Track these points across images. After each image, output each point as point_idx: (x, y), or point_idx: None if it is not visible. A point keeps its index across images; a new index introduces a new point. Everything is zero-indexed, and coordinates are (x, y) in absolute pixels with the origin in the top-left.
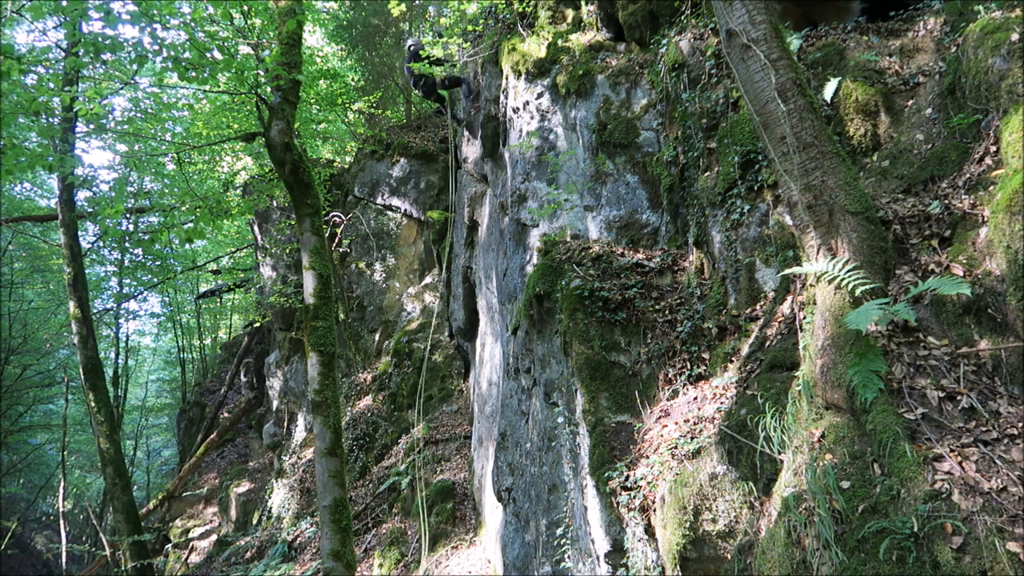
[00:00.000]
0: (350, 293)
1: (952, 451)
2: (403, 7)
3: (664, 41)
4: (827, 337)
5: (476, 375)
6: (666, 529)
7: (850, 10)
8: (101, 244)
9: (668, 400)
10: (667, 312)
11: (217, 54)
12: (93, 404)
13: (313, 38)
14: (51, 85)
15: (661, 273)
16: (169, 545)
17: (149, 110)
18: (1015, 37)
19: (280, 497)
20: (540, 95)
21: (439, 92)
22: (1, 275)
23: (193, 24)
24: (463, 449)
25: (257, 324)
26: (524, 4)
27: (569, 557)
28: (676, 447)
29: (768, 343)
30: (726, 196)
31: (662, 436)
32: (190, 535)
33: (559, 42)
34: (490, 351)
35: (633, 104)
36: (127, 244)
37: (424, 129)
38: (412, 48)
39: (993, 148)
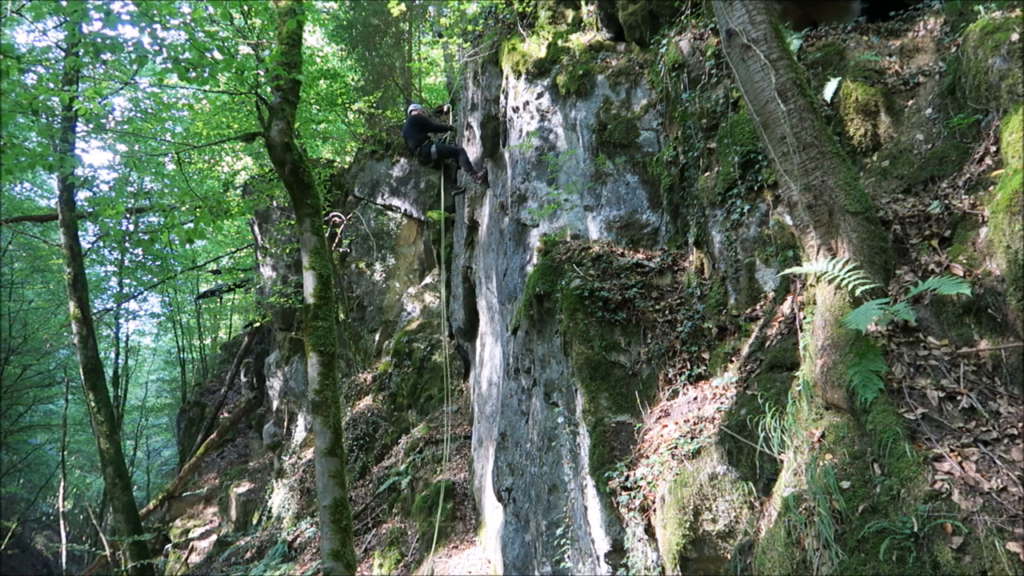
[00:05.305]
0: (350, 293)
1: (952, 451)
2: (403, 7)
3: (664, 41)
4: (827, 337)
5: (476, 375)
6: (666, 529)
7: (850, 10)
8: (101, 244)
9: (668, 400)
10: (667, 312)
11: (217, 54)
12: (93, 404)
13: (313, 38)
14: (51, 85)
15: (661, 273)
16: (169, 545)
17: (149, 110)
18: (1015, 37)
19: (280, 497)
20: (540, 95)
21: (439, 161)
22: (1, 275)
23: (193, 24)
24: (463, 449)
25: (257, 324)
26: (524, 4)
27: (569, 557)
28: (676, 447)
29: (768, 343)
30: (726, 196)
31: (662, 436)
32: (190, 535)
33: (559, 42)
34: (490, 351)
35: (633, 104)
36: (127, 244)
37: None
38: (412, 114)
39: (993, 148)
